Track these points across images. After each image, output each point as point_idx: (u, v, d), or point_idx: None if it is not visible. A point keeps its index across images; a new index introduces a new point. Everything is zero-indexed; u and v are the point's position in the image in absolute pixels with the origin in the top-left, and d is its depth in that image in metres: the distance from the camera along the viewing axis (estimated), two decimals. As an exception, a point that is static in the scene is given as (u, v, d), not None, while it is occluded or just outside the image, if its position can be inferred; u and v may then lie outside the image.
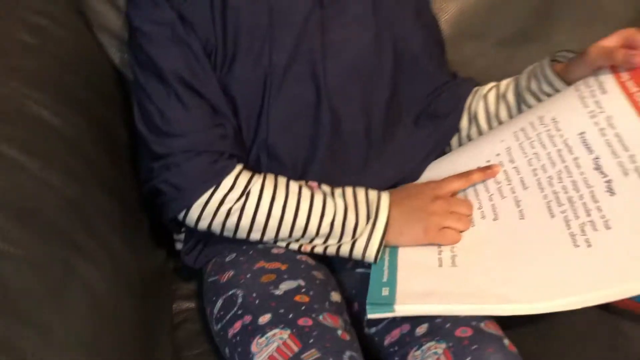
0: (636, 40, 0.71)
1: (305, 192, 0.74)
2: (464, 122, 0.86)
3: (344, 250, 0.74)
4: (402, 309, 0.66)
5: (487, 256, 0.70)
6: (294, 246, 0.75)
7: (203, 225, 0.74)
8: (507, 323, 0.68)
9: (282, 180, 0.75)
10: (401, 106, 0.84)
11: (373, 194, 0.75)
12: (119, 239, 0.69)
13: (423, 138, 0.85)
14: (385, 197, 0.75)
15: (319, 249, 0.75)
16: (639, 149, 0.66)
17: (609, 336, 0.81)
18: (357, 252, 0.74)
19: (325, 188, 0.76)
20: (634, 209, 0.64)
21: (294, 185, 0.75)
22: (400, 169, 0.83)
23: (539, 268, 0.65)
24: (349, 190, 0.76)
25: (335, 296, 0.73)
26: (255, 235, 0.74)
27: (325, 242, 0.74)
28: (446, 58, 0.90)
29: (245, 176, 0.73)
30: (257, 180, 0.74)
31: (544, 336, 0.79)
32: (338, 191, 0.75)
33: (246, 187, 0.73)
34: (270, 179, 0.74)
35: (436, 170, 0.83)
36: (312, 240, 0.74)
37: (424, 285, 0.68)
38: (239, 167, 0.74)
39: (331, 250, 0.75)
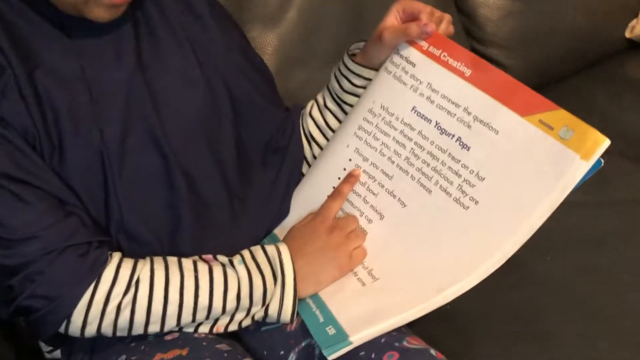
0: (415, 10, 0.75)
1: (202, 268, 0.68)
2: (305, 145, 0.86)
3: (258, 317, 0.70)
4: (358, 338, 0.64)
5: (397, 255, 0.70)
6: (204, 329, 0.69)
7: (91, 330, 0.66)
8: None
9: (172, 260, 0.69)
10: (248, 151, 0.82)
11: (271, 249, 0.72)
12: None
13: (276, 175, 0.83)
14: (284, 249, 0.72)
15: (233, 327, 0.70)
16: (468, 102, 0.70)
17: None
18: (272, 317, 0.70)
19: (222, 259, 0.71)
20: (492, 153, 0.67)
21: (187, 263, 0.69)
22: (268, 214, 0.81)
23: (451, 244, 0.67)
24: (247, 254, 0.71)
25: (248, 363, 0.68)
26: (154, 328, 0.67)
27: (234, 317, 0.69)
28: (278, 93, 0.89)
29: (128, 263, 0.67)
30: (145, 265, 0.67)
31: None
32: (237, 259, 0.71)
33: (132, 275, 0.66)
34: (158, 261, 0.68)
35: (302, 197, 0.82)
36: (218, 319, 0.69)
37: (362, 308, 0.67)
38: (117, 256, 0.67)
39: (246, 322, 0.70)
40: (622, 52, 1.45)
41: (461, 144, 0.69)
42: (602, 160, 0.62)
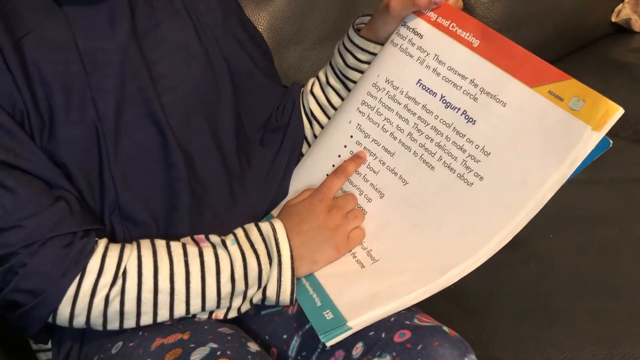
0: None
1: (192, 251, 0.65)
2: (306, 124, 0.83)
3: (257, 300, 0.67)
4: (356, 323, 0.61)
5: (398, 235, 0.68)
6: (202, 315, 0.66)
7: (79, 322, 0.62)
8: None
9: (161, 244, 0.65)
10: (247, 129, 0.79)
11: (265, 227, 0.68)
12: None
13: (275, 155, 0.80)
14: (279, 226, 0.68)
15: (232, 313, 0.67)
16: (476, 73, 0.67)
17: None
18: (271, 299, 0.67)
19: (214, 239, 0.68)
20: (499, 126, 0.65)
21: (176, 247, 0.65)
22: (267, 193, 0.78)
23: (455, 223, 0.65)
24: (240, 233, 0.68)
25: (253, 346, 0.64)
26: (146, 319, 0.63)
27: (231, 301, 0.66)
28: (276, 69, 0.86)
29: (113, 252, 0.63)
30: (131, 253, 0.63)
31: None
32: (229, 239, 0.68)
33: (119, 265, 0.62)
34: (146, 247, 0.65)
35: (301, 175, 0.79)
36: (216, 304, 0.65)
37: (361, 292, 0.64)
38: (102, 244, 0.63)
39: (245, 307, 0.67)
40: (608, 36, 1.46)
41: (467, 117, 0.67)
42: (611, 141, 0.60)
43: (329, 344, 0.60)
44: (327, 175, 0.76)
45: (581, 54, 1.40)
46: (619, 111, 0.59)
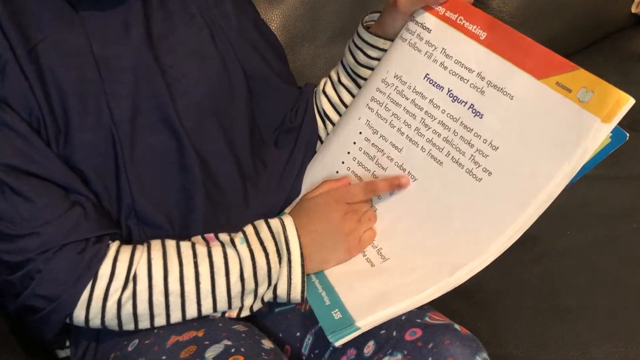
0: None
1: (201, 251, 0.66)
2: (319, 124, 0.83)
3: (268, 298, 0.68)
4: (365, 323, 0.61)
5: (407, 233, 0.68)
6: (217, 315, 0.67)
7: (95, 323, 0.64)
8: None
9: (170, 245, 0.66)
10: (262, 131, 0.80)
11: (275, 224, 0.68)
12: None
13: (288, 156, 0.81)
14: (289, 223, 0.68)
15: (245, 312, 0.67)
16: (483, 66, 0.67)
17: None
18: (282, 297, 0.67)
19: (224, 237, 0.68)
20: (507, 119, 0.64)
21: (186, 248, 0.66)
22: (281, 193, 0.79)
23: (464, 219, 0.64)
24: (250, 231, 0.68)
25: (267, 343, 0.65)
26: (159, 320, 0.64)
27: (243, 300, 0.67)
28: (290, 71, 0.87)
29: (124, 255, 0.64)
30: (142, 256, 0.64)
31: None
32: (238, 237, 0.68)
33: (129, 269, 0.63)
34: (156, 248, 0.65)
35: (312, 174, 0.80)
36: (227, 304, 0.66)
37: (370, 291, 0.64)
38: (114, 249, 0.64)
39: (257, 305, 0.68)
40: (628, 28, 1.44)
41: (474, 111, 0.66)
42: (627, 134, 0.59)
43: (337, 344, 0.60)
44: (337, 172, 0.76)
45: (600, 47, 1.38)
46: (630, 102, 0.57)
